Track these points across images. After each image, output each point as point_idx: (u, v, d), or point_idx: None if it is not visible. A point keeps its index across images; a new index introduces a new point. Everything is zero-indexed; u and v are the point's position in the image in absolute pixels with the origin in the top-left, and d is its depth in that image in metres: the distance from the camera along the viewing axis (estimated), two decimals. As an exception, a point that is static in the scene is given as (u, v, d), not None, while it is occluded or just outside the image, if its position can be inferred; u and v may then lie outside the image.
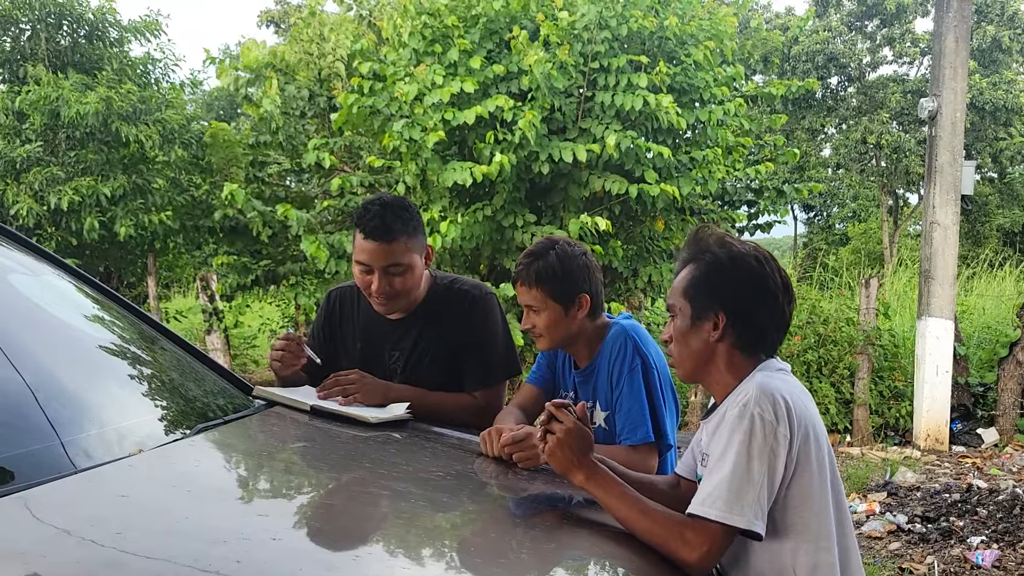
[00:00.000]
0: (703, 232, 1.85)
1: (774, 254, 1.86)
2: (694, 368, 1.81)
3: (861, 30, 22.97)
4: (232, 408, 2.16)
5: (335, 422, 2.16)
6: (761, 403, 1.64)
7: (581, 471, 1.73)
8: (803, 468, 1.67)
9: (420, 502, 1.67)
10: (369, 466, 1.88)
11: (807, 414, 1.71)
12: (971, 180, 8.43)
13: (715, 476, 1.65)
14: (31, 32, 9.11)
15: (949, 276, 8.05)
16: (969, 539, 5.06)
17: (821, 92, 22.42)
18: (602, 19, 6.61)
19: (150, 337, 2.31)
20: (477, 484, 1.91)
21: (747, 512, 1.60)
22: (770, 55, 11.03)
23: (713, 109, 7.13)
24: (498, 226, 7.16)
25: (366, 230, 2.35)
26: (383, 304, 2.43)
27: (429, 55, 6.99)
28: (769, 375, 1.74)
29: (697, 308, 1.77)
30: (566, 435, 1.74)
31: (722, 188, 8.21)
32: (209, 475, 1.64)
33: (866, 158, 21.81)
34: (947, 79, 8.01)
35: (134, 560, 1.20)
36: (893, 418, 8.31)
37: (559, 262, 2.22)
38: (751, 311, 1.76)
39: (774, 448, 1.63)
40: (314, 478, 1.74)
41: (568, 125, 7.06)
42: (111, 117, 8.39)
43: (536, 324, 2.24)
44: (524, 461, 1.95)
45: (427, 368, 2.51)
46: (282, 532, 1.38)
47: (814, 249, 23.81)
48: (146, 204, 8.77)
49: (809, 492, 1.68)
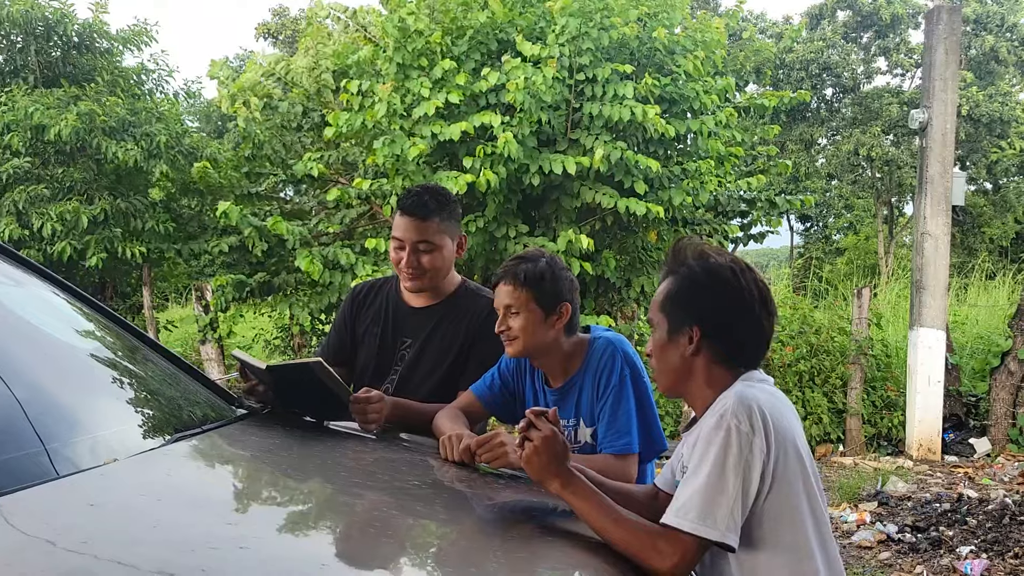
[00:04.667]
0: (682, 244, 1.85)
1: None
2: (673, 382, 1.81)
3: (856, 41, 23.07)
4: (211, 417, 2.16)
5: (314, 431, 2.17)
6: (738, 414, 1.64)
7: (557, 479, 1.73)
8: (781, 481, 1.67)
9: (393, 511, 1.68)
10: (344, 475, 1.88)
11: (786, 426, 1.70)
12: (962, 190, 8.47)
13: (689, 487, 1.65)
14: (22, 45, 9.09)
15: (941, 286, 8.06)
16: (958, 549, 5.06)
17: (815, 103, 22.48)
18: (582, 29, 6.64)
19: (130, 346, 2.31)
20: (452, 493, 1.92)
21: (720, 524, 1.60)
22: (763, 66, 11.05)
23: (704, 119, 7.15)
24: (490, 237, 7.18)
25: (404, 206, 2.50)
26: (410, 279, 2.52)
27: (415, 68, 7.02)
28: (748, 386, 1.73)
29: (673, 322, 1.77)
30: (543, 443, 1.74)
31: (715, 199, 8.24)
32: (182, 484, 1.64)
33: (858, 169, 21.87)
34: (937, 91, 8.05)
35: (98, 566, 1.20)
36: (886, 428, 8.31)
37: (549, 268, 2.23)
38: (727, 324, 1.75)
39: (749, 460, 1.63)
40: (287, 487, 1.74)
41: (558, 137, 7.09)
42: (93, 132, 8.26)
43: (512, 327, 2.22)
44: (493, 461, 1.97)
45: (430, 362, 2.56)
46: (250, 541, 1.38)
47: (810, 259, 23.82)
48: (126, 230, 8.59)
49: (787, 505, 1.68)
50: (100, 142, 8.14)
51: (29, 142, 8.28)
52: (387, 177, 7.13)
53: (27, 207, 8.07)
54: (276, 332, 10.94)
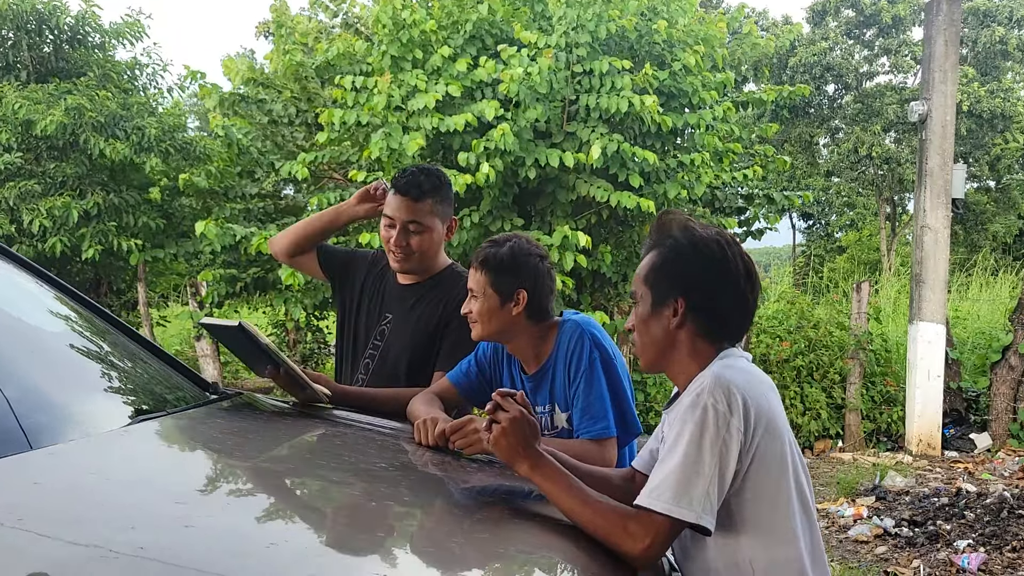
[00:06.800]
0: (666, 218, 1.81)
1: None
2: (656, 356, 1.76)
3: (859, 39, 22.97)
4: (178, 401, 2.11)
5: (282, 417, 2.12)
6: (715, 393, 1.59)
7: (526, 460, 1.69)
8: (759, 462, 1.62)
9: (354, 492, 1.63)
10: (308, 457, 1.83)
11: (765, 406, 1.65)
12: (962, 183, 8.40)
13: (664, 467, 1.60)
14: (13, 41, 9.03)
15: (940, 280, 8.00)
16: (956, 543, 5.00)
17: (817, 100, 22.38)
18: (580, 21, 6.58)
19: (97, 329, 2.27)
20: (419, 476, 1.86)
21: (695, 506, 1.55)
22: (761, 63, 10.94)
23: (702, 114, 7.09)
24: (486, 231, 7.11)
25: (398, 185, 2.51)
26: (397, 260, 2.53)
27: (408, 61, 6.97)
28: (727, 364, 1.69)
29: (657, 294, 1.73)
30: (511, 424, 1.70)
31: (712, 194, 8.17)
32: (134, 465, 1.59)
33: (859, 167, 21.77)
34: (937, 83, 7.99)
35: (30, 542, 1.15)
36: (885, 423, 8.25)
37: (510, 253, 2.19)
38: (713, 297, 1.72)
39: (727, 440, 1.58)
40: (245, 469, 1.69)
41: (554, 129, 7.03)
42: (81, 127, 8.17)
43: (472, 310, 2.20)
44: (467, 448, 1.92)
45: (407, 339, 2.56)
46: (197, 520, 1.33)
47: (811, 257, 23.74)
48: (119, 224, 8.54)
49: (765, 487, 1.63)
50: (88, 137, 8.08)
51: (20, 138, 8.21)
52: (383, 171, 7.08)
53: (17, 203, 8.01)
54: (271, 328, 10.90)
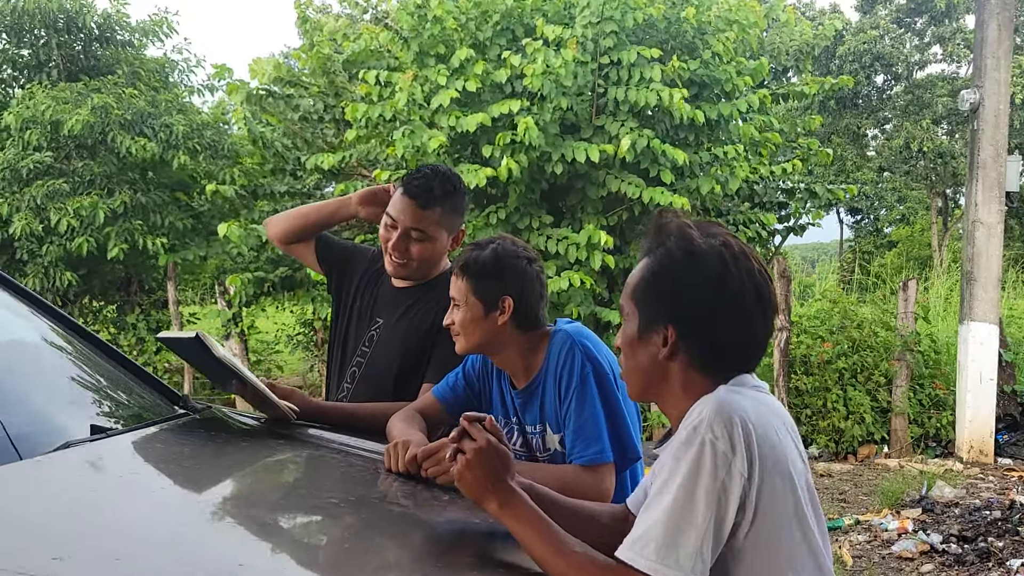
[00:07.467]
0: (664, 220, 1.51)
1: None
2: (644, 386, 1.49)
3: (911, 27, 22.26)
4: (138, 418, 1.97)
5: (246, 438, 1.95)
6: (715, 427, 1.31)
7: (495, 498, 1.45)
8: (765, 512, 1.34)
9: (294, 532, 1.45)
10: (255, 487, 1.67)
11: (775, 443, 1.37)
12: (1016, 175, 7.97)
13: (650, 514, 1.33)
14: (45, 40, 9.07)
15: (993, 277, 7.60)
16: (1009, 562, 4.66)
17: (865, 90, 21.72)
18: (605, 10, 6.34)
19: (62, 338, 2.13)
20: (376, 512, 1.66)
21: (684, 562, 1.28)
22: (803, 53, 10.53)
23: (736, 103, 6.81)
24: (513, 229, 6.93)
25: (407, 187, 2.31)
26: (394, 265, 2.34)
27: (432, 56, 6.82)
28: (733, 390, 1.40)
29: (645, 317, 1.45)
30: (476, 455, 1.47)
31: (750, 189, 7.87)
32: (88, 484, 1.50)
33: (911, 161, 21.07)
34: (989, 69, 7.59)
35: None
36: (934, 428, 7.87)
37: (493, 257, 1.97)
38: (708, 324, 1.41)
39: (726, 485, 1.30)
40: (188, 499, 1.54)
41: (582, 124, 6.81)
42: (109, 126, 8.13)
43: (455, 321, 1.98)
44: (441, 476, 1.68)
45: (396, 345, 2.37)
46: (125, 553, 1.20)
47: (859, 253, 23.07)
48: (145, 224, 8.51)
49: (774, 537, 1.36)
50: (115, 136, 8.05)
51: (49, 137, 8.23)
52: (408, 170, 6.95)
53: (45, 202, 8.03)
54: (298, 327, 10.84)
